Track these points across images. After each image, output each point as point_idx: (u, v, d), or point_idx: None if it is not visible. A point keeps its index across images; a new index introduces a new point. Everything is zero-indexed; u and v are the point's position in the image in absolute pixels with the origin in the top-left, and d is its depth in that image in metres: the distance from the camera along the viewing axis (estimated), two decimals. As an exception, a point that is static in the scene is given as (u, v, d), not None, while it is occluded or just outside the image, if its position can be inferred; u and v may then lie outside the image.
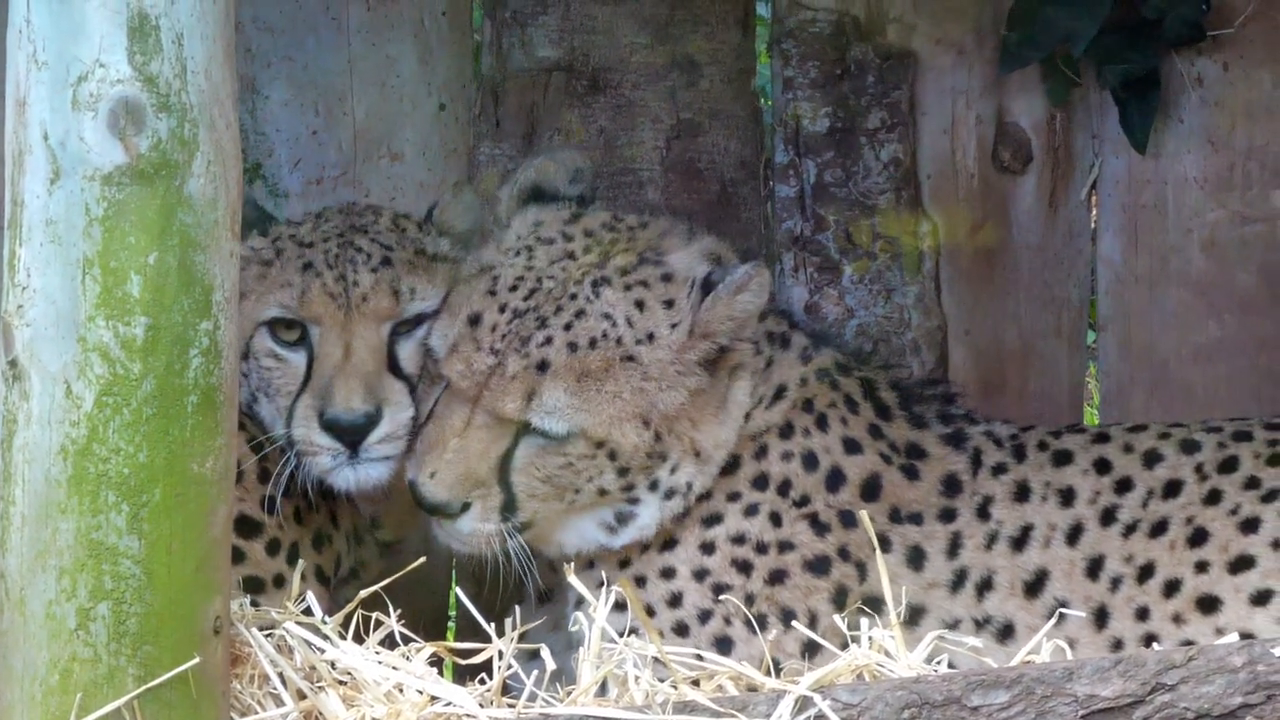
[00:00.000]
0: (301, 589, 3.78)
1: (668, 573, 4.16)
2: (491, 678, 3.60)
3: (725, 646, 4.07)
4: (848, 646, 3.81)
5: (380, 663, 3.62)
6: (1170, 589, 4.11)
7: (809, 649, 4.07)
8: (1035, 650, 3.79)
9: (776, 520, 4.16)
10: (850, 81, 4.92)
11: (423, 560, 3.91)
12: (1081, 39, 4.80)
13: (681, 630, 4.11)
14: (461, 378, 4.10)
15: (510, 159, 4.87)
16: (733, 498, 4.18)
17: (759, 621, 4.09)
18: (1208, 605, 4.08)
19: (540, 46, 4.90)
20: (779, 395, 4.24)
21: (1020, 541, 4.18)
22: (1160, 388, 5.00)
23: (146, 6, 3.25)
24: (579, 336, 4.08)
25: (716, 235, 4.34)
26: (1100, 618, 4.12)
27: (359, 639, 3.70)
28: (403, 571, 3.86)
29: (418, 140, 4.98)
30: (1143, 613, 4.11)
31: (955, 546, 4.19)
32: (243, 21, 4.82)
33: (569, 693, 3.63)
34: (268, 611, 3.71)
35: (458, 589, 4.34)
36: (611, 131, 4.92)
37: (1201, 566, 4.11)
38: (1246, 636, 3.88)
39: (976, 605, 4.15)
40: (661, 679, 3.65)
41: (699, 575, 4.14)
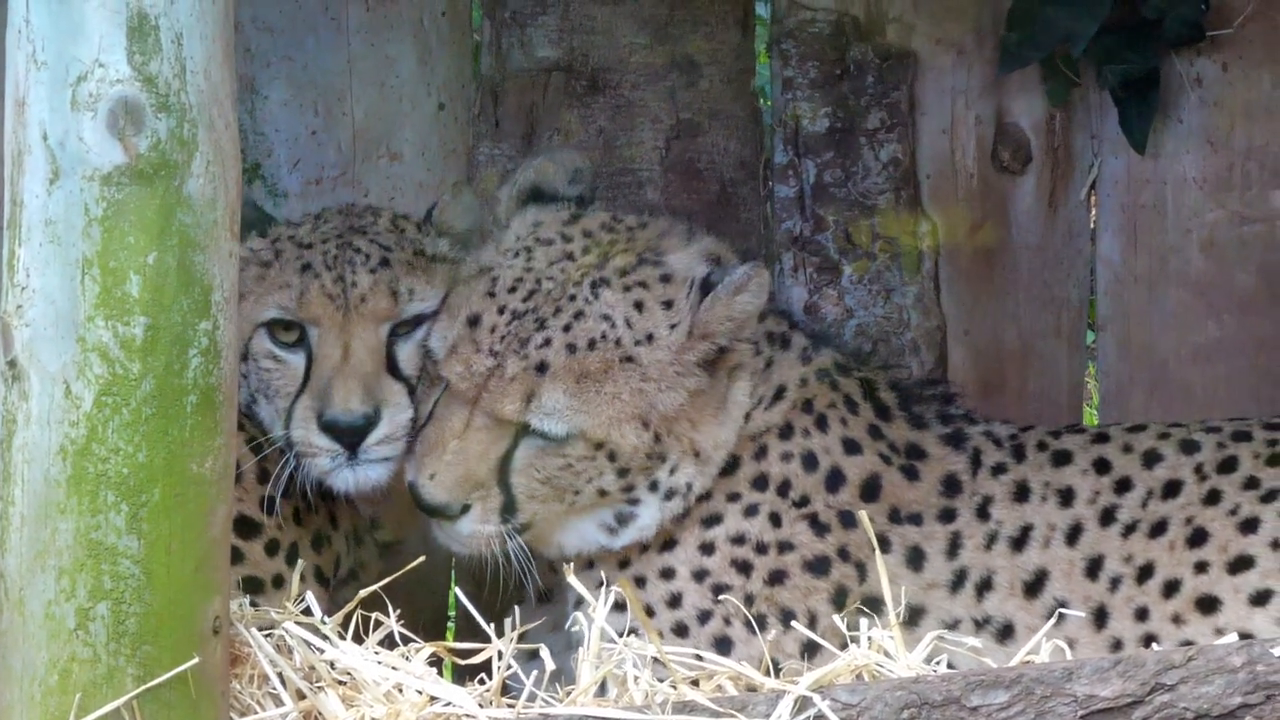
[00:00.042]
0: (301, 589, 3.78)
1: (667, 573, 4.16)
2: (491, 678, 3.60)
3: (725, 647, 4.07)
4: (847, 647, 3.81)
5: (380, 663, 3.62)
6: (1170, 589, 4.11)
7: (808, 649, 4.07)
8: (1035, 650, 3.79)
9: (776, 521, 4.16)
10: (850, 82, 4.92)
11: (422, 560, 3.91)
12: (1081, 39, 4.80)
13: (681, 630, 4.11)
14: (460, 379, 4.10)
15: (509, 159, 4.87)
16: (732, 498, 4.18)
17: (758, 622, 4.09)
18: (1207, 605, 4.08)
19: (539, 47, 4.90)
20: (779, 396, 4.24)
21: (1020, 542, 4.18)
22: (1159, 388, 5.00)
23: (146, 6, 3.25)
24: (578, 338, 4.08)
25: (716, 236, 4.34)
26: (1100, 618, 4.12)
27: (358, 639, 3.70)
28: (402, 571, 3.86)
29: (417, 140, 4.98)
30: (1142, 613, 4.11)
31: (955, 547, 4.19)
32: (242, 21, 4.82)
33: (568, 693, 3.63)
34: (267, 611, 3.71)
35: (457, 589, 4.33)
36: (611, 132, 4.92)
37: (1201, 567, 4.11)
38: (1246, 637, 3.88)
39: (976, 605, 4.15)
40: (661, 679, 3.65)
41: (698, 576, 4.14)
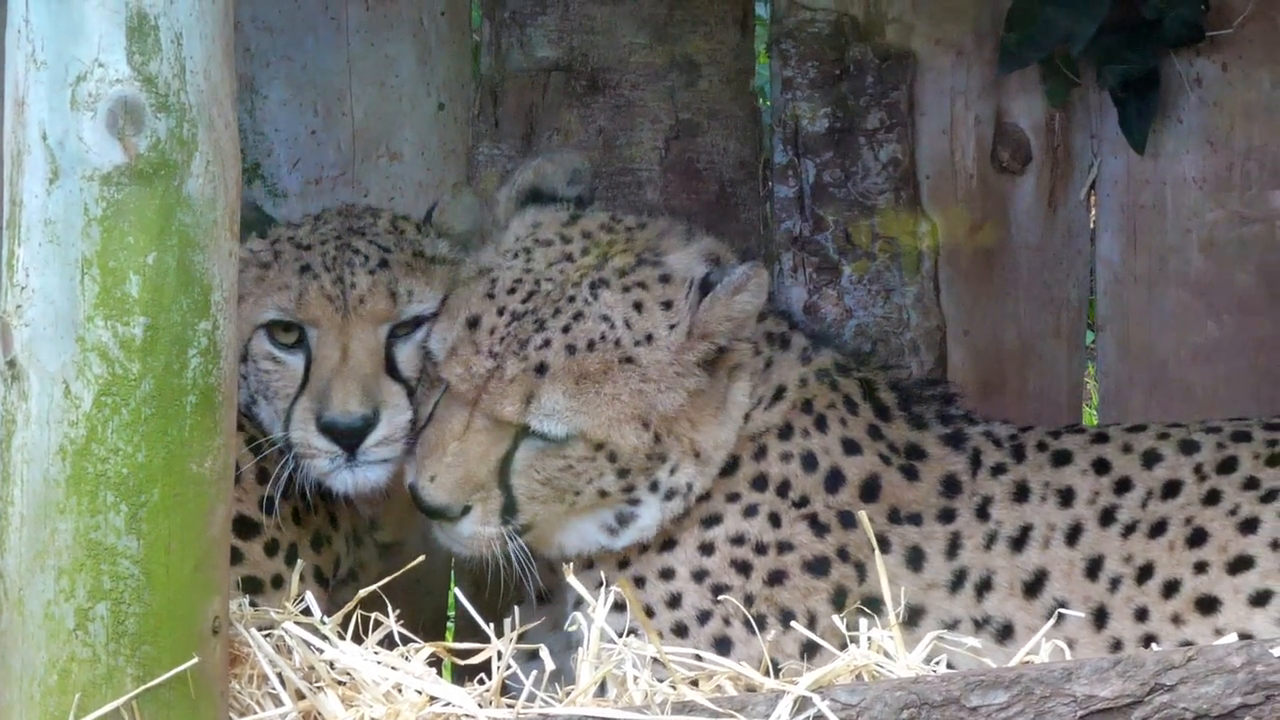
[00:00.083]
0: (300, 589, 3.78)
1: (667, 573, 4.15)
2: (490, 678, 3.60)
3: (724, 647, 4.07)
4: (846, 647, 3.81)
5: (379, 663, 3.62)
6: (1169, 589, 4.11)
7: (808, 649, 4.07)
8: (1034, 650, 3.79)
9: (776, 521, 4.16)
10: (849, 82, 4.92)
11: (421, 560, 3.91)
12: (1080, 39, 4.80)
13: (680, 631, 4.11)
14: (460, 381, 4.10)
15: (509, 159, 4.87)
16: (732, 498, 4.18)
17: (758, 622, 4.09)
18: (1207, 606, 4.08)
19: (539, 46, 4.90)
20: (778, 396, 4.24)
21: (1019, 542, 4.18)
22: (1159, 388, 5.00)
23: (145, 6, 3.25)
24: (577, 339, 4.08)
25: (715, 236, 4.34)
26: (1099, 618, 4.12)
27: (358, 639, 3.70)
28: (401, 571, 3.86)
29: (416, 140, 4.97)
30: (1142, 613, 4.11)
31: (954, 547, 4.19)
32: (241, 21, 4.82)
33: (568, 693, 3.63)
34: (266, 612, 3.71)
35: (456, 590, 4.34)
36: (610, 132, 4.92)
37: (1200, 567, 4.11)
38: (1245, 637, 3.88)
39: (975, 605, 4.15)
40: (660, 679, 3.65)
41: (698, 576, 4.14)
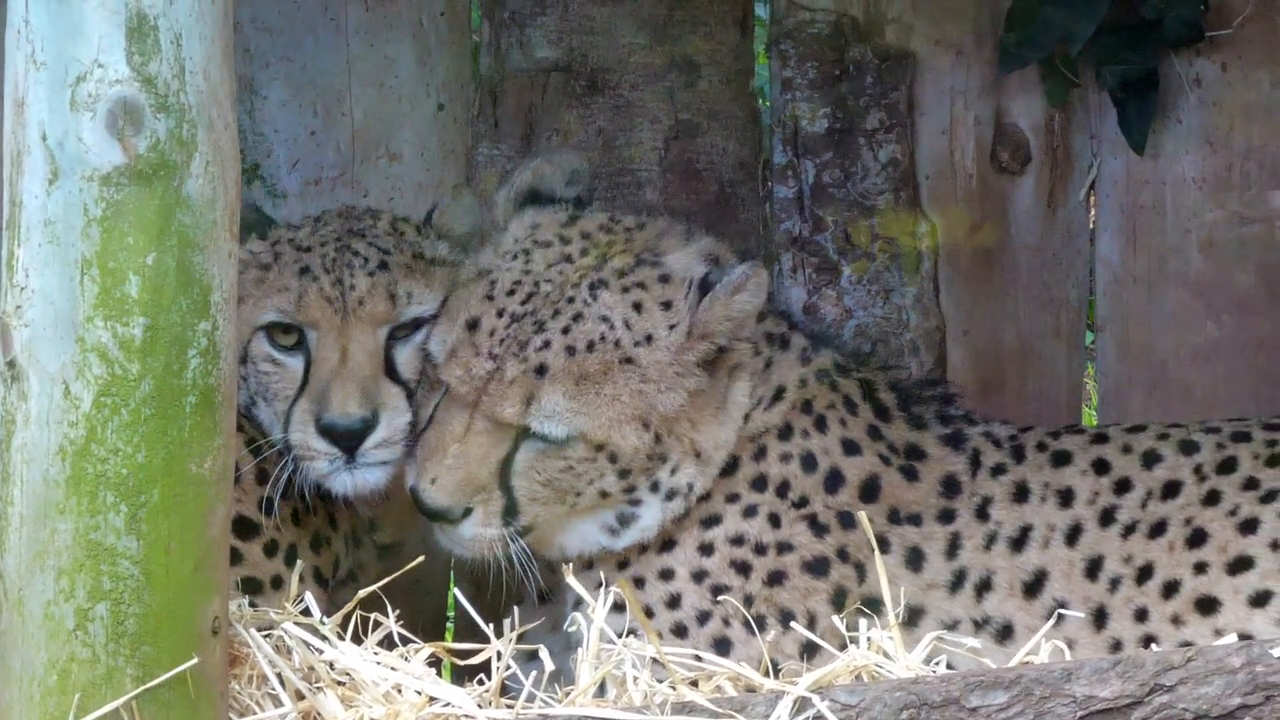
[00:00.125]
0: (300, 590, 3.78)
1: (666, 574, 4.15)
2: (490, 678, 3.60)
3: (724, 647, 4.07)
4: (846, 647, 3.81)
5: (379, 663, 3.62)
6: (1169, 590, 4.11)
7: (807, 650, 4.07)
8: (1034, 651, 3.79)
9: (775, 521, 4.16)
10: (849, 82, 4.92)
11: (421, 561, 3.91)
12: (1079, 39, 4.80)
13: (680, 631, 4.11)
14: (460, 383, 4.10)
15: (509, 159, 4.87)
16: (731, 499, 4.18)
17: (757, 622, 4.09)
18: (1206, 606, 4.08)
19: (539, 47, 4.90)
20: (778, 396, 4.24)
21: (1019, 542, 4.18)
22: (1159, 388, 5.00)
23: (145, 7, 3.25)
24: (577, 340, 4.08)
25: (715, 236, 4.34)
26: (1099, 618, 4.12)
27: (357, 640, 3.70)
28: (400, 571, 3.86)
29: (416, 141, 4.97)
30: (1141, 614, 4.10)
31: (954, 547, 4.19)
32: (241, 22, 4.82)
33: (568, 693, 3.63)
34: (266, 612, 3.71)
35: (456, 590, 4.33)
36: (610, 132, 4.92)
37: (1200, 567, 4.11)
38: (1245, 637, 3.88)
39: (975, 606, 4.15)
40: (660, 680, 3.65)
41: (697, 576, 4.14)
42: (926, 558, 4.18)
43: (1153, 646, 4.03)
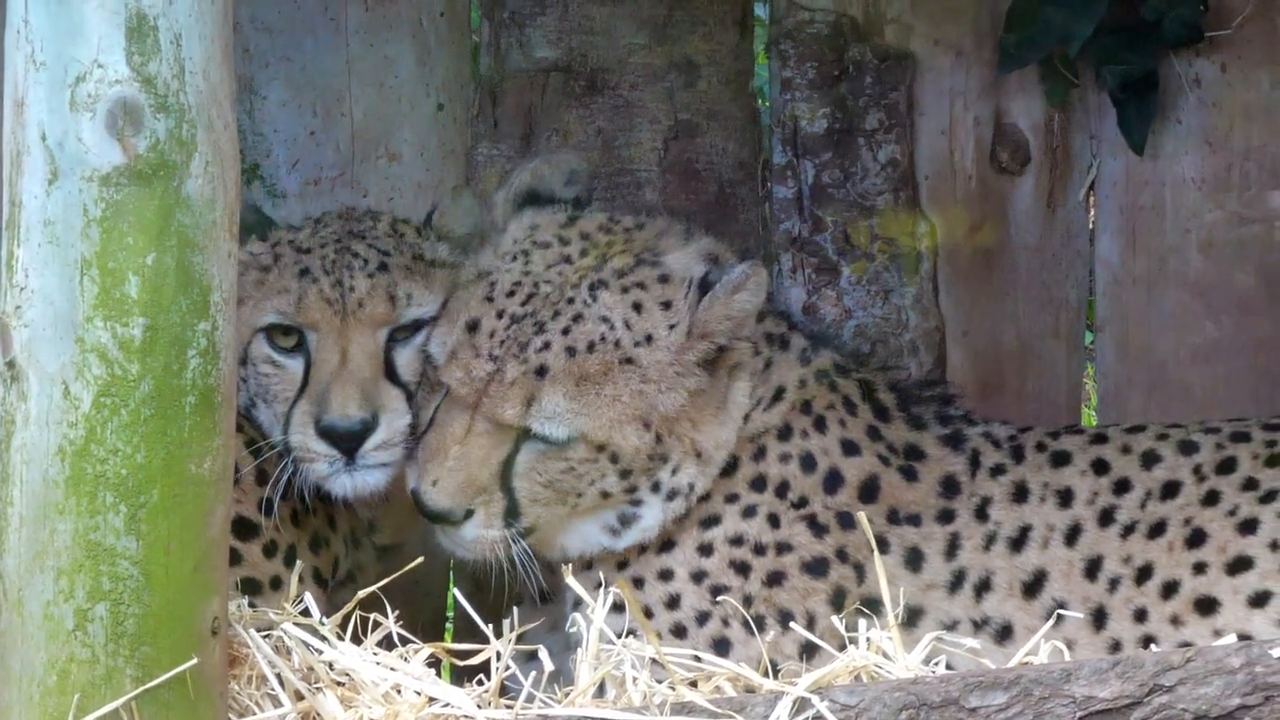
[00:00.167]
0: (299, 590, 3.78)
1: (666, 574, 4.15)
2: (489, 679, 3.60)
3: (723, 648, 4.07)
4: (846, 648, 3.81)
5: (378, 664, 3.62)
6: (1168, 590, 4.11)
7: (807, 650, 4.07)
8: (1033, 651, 3.79)
9: (774, 522, 4.16)
10: (848, 82, 4.92)
11: (420, 561, 3.91)
12: (1078, 40, 4.80)
13: (679, 632, 4.11)
14: (461, 385, 4.10)
15: (508, 159, 4.87)
16: (731, 499, 4.18)
17: (757, 623, 4.09)
18: (1206, 606, 4.08)
19: (538, 47, 4.90)
20: (777, 397, 4.24)
21: (1018, 542, 4.18)
22: (1158, 389, 5.00)
23: (145, 7, 3.25)
24: (577, 340, 4.08)
25: (714, 236, 4.34)
26: (1098, 619, 4.12)
27: (357, 640, 3.70)
28: (400, 572, 3.86)
29: (416, 141, 4.97)
30: (1141, 614, 4.10)
31: (953, 547, 4.19)
32: (240, 22, 4.82)
33: (567, 694, 3.63)
34: (265, 612, 3.71)
35: (456, 590, 4.34)
36: (609, 132, 4.92)
37: (1200, 568, 4.11)
38: (1245, 638, 3.88)
39: (974, 606, 4.15)
40: (659, 680, 3.65)
41: (697, 577, 4.14)
42: (926, 558, 4.18)
43: (1152, 647, 4.02)
